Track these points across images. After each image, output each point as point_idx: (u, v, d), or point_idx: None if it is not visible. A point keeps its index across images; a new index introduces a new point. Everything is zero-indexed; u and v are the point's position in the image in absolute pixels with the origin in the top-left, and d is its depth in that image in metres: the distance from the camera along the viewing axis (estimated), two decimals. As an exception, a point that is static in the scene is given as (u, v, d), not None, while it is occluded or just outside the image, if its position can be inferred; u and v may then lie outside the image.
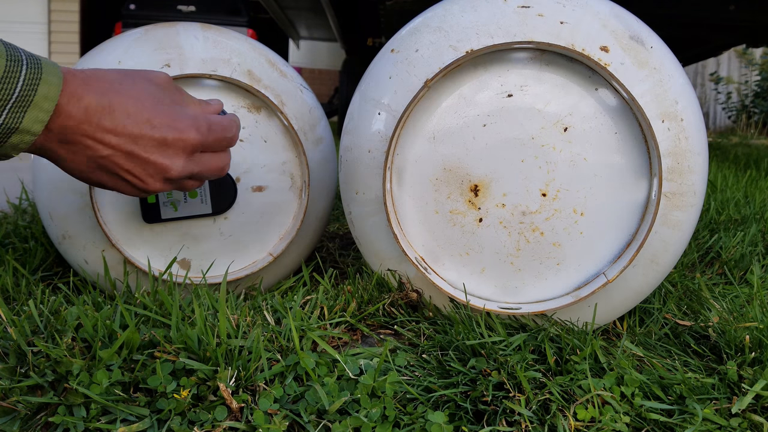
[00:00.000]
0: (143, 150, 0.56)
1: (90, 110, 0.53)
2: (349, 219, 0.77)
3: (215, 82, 0.80)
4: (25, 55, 0.50)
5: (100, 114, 0.53)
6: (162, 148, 0.57)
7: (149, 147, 0.56)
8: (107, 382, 0.56)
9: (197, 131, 0.59)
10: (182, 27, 0.82)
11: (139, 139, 0.55)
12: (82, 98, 0.52)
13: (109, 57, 0.79)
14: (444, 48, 0.68)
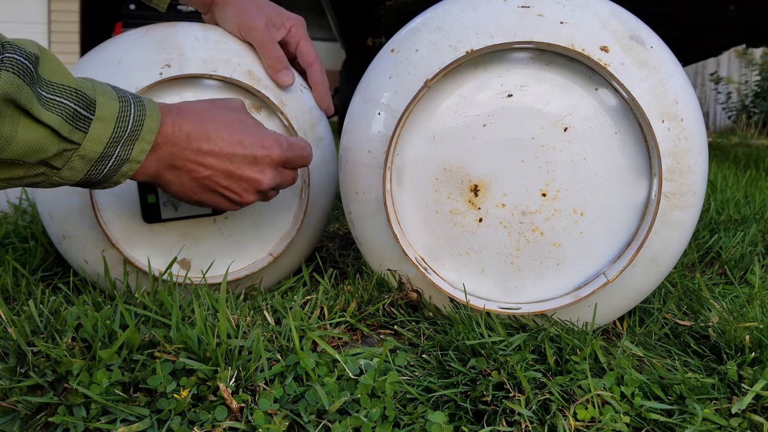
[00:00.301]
0: (237, 168, 0.64)
1: (191, 137, 0.61)
2: (349, 219, 0.77)
3: (215, 82, 0.80)
4: (129, 95, 0.58)
5: (199, 139, 0.62)
6: (253, 164, 0.65)
7: (242, 164, 0.64)
8: (107, 382, 0.56)
9: (280, 148, 0.67)
10: (182, 27, 0.82)
11: (234, 157, 0.64)
12: (182, 127, 0.61)
13: (109, 57, 0.79)
14: (444, 48, 0.68)
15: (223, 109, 0.66)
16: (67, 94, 0.53)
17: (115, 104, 0.56)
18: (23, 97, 0.49)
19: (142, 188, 0.78)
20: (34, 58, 0.51)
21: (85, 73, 0.80)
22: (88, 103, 0.54)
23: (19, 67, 0.49)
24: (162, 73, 0.77)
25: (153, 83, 0.76)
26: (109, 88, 0.57)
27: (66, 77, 0.54)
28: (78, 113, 0.53)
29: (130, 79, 0.76)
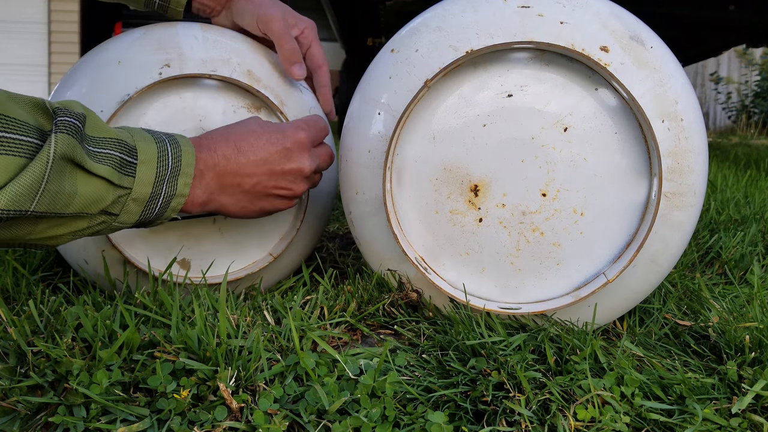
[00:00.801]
0: (277, 164, 0.69)
1: (227, 156, 0.67)
2: (349, 219, 0.77)
3: (215, 82, 0.80)
4: (163, 135, 0.63)
5: (234, 155, 0.67)
6: (288, 156, 0.70)
7: (280, 160, 0.69)
8: (107, 382, 0.56)
9: (303, 130, 0.71)
10: (182, 27, 0.82)
11: (269, 157, 0.69)
12: (216, 150, 0.67)
13: (108, 57, 0.79)
14: (444, 48, 0.68)
15: (239, 123, 0.71)
16: (111, 145, 0.58)
17: (153, 146, 0.61)
18: (78, 154, 0.53)
19: None
20: (82, 118, 0.55)
21: (84, 72, 0.80)
22: (131, 150, 0.59)
23: (72, 128, 0.53)
24: (161, 73, 0.77)
25: (152, 83, 0.76)
26: (145, 133, 0.62)
27: (107, 131, 0.58)
28: (124, 160, 0.58)
29: (129, 79, 0.76)
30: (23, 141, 0.50)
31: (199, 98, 0.80)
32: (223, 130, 0.69)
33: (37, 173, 0.50)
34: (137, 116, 0.77)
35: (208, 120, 0.80)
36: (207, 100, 0.80)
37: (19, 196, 0.49)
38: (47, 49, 8.20)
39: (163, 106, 0.78)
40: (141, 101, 0.77)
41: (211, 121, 0.80)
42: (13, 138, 0.49)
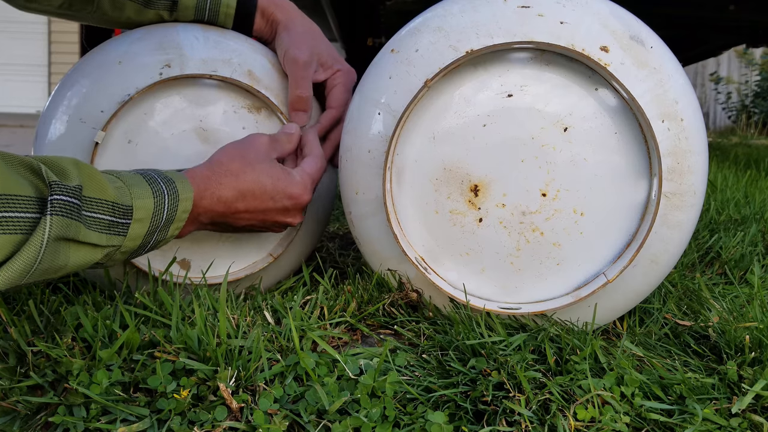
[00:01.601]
0: (271, 216, 0.74)
1: (228, 201, 0.70)
2: (349, 219, 0.77)
3: (216, 82, 0.80)
4: (162, 182, 0.64)
5: (236, 202, 0.71)
6: (284, 213, 0.75)
7: (275, 214, 0.74)
8: (107, 382, 0.56)
9: (307, 193, 0.76)
10: (182, 27, 0.82)
11: (267, 211, 0.73)
12: (220, 197, 0.70)
13: (109, 57, 0.79)
14: (444, 48, 0.68)
15: (254, 162, 0.72)
16: (104, 209, 0.59)
17: (149, 202, 0.62)
18: (71, 231, 0.54)
19: None
20: (78, 191, 0.56)
21: (85, 72, 0.80)
22: (125, 212, 0.60)
23: (67, 208, 0.54)
24: (162, 74, 0.77)
25: (153, 83, 0.76)
26: (144, 182, 0.63)
27: (103, 191, 0.59)
28: (114, 222, 0.60)
29: (130, 79, 0.76)
30: (22, 218, 0.51)
31: (200, 98, 0.80)
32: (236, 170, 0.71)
33: (30, 257, 0.51)
34: (138, 116, 0.77)
35: (208, 120, 0.80)
36: (207, 100, 0.80)
37: (11, 279, 0.51)
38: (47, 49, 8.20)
39: (164, 106, 0.79)
40: (141, 101, 0.77)
41: (211, 122, 0.80)
42: (13, 216, 0.50)
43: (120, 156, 0.78)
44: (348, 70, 0.88)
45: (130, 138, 0.78)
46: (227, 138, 0.81)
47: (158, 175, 0.65)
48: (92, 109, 0.77)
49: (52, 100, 0.81)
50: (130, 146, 0.78)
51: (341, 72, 0.87)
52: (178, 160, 0.79)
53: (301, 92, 0.81)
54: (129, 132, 0.78)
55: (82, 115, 0.77)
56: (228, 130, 0.81)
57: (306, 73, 0.82)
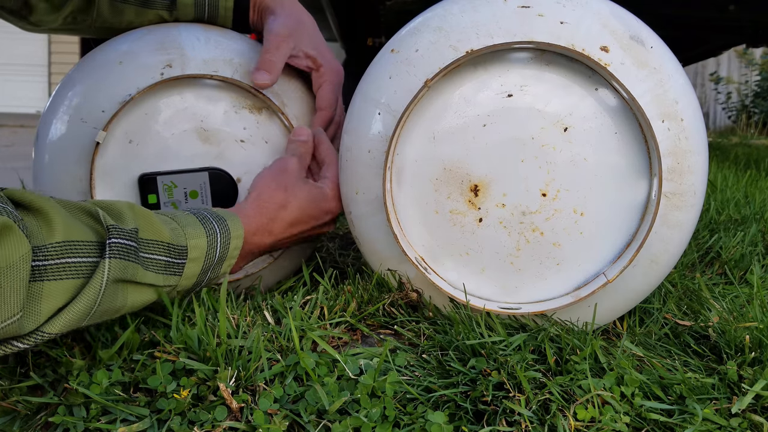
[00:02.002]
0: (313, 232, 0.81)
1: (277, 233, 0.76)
2: (349, 219, 0.77)
3: (217, 82, 0.80)
4: (214, 220, 0.68)
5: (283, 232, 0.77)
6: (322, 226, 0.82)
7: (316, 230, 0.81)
8: (107, 382, 0.56)
9: (338, 202, 0.80)
10: (184, 27, 0.82)
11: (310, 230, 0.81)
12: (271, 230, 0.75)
13: (109, 57, 0.79)
14: (444, 48, 0.68)
15: (294, 188, 0.77)
16: (161, 250, 0.61)
17: (203, 241, 0.65)
18: (129, 273, 0.56)
19: (143, 188, 0.78)
20: (134, 233, 0.58)
21: (85, 72, 0.80)
22: (180, 252, 0.63)
23: (125, 250, 0.56)
24: (163, 74, 0.77)
25: (154, 83, 0.76)
26: (197, 222, 0.66)
27: (159, 232, 0.61)
28: (170, 263, 0.62)
29: (131, 79, 0.76)
30: (83, 263, 0.53)
31: (201, 98, 0.80)
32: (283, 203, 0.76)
33: (90, 300, 0.53)
34: (139, 116, 0.77)
35: (209, 120, 0.80)
36: (208, 100, 0.80)
37: (72, 322, 0.52)
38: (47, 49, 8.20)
39: (165, 106, 0.79)
40: (142, 101, 0.77)
41: (212, 122, 0.80)
42: (75, 262, 0.52)
43: (121, 156, 0.78)
44: (333, 68, 0.86)
45: (131, 138, 0.78)
46: (228, 138, 0.81)
47: (210, 214, 0.68)
48: (93, 109, 0.77)
49: (53, 100, 0.81)
50: (131, 146, 0.78)
51: (326, 69, 0.85)
52: (178, 160, 0.79)
53: (270, 56, 0.80)
54: (130, 132, 0.78)
55: (83, 114, 0.77)
56: (229, 131, 0.81)
57: (281, 43, 0.80)
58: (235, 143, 0.81)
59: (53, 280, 0.50)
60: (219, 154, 0.81)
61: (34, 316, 0.50)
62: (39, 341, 0.51)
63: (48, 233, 0.51)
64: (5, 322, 0.47)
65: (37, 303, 0.50)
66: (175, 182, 0.78)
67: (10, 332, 0.49)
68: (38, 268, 0.50)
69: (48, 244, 0.51)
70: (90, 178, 0.75)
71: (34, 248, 0.50)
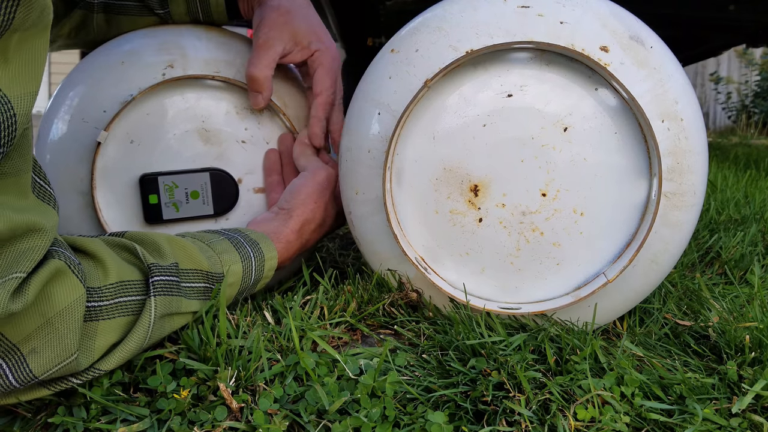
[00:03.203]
0: None
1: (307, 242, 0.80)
2: (349, 219, 0.77)
3: (218, 83, 0.80)
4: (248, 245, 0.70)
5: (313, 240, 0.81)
6: None
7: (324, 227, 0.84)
8: (107, 382, 0.56)
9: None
10: (185, 28, 0.82)
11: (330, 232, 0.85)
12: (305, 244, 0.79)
13: (111, 58, 0.79)
14: (444, 48, 0.68)
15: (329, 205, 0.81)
16: (199, 278, 0.63)
17: (238, 267, 0.68)
18: (173, 307, 0.59)
19: (144, 188, 0.78)
20: (174, 269, 0.60)
21: (87, 72, 0.80)
22: (218, 279, 0.65)
23: (168, 287, 0.58)
24: (165, 74, 0.77)
25: (156, 84, 0.76)
26: (232, 248, 0.68)
27: (197, 262, 0.63)
28: (209, 288, 0.65)
29: (132, 79, 0.76)
30: (133, 301, 0.55)
31: (202, 99, 0.80)
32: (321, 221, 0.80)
33: (140, 337, 0.55)
34: (140, 116, 0.77)
35: (210, 121, 0.80)
36: (210, 100, 0.80)
37: (125, 358, 0.55)
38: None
39: (167, 106, 0.79)
40: (144, 101, 0.77)
41: (213, 122, 0.80)
42: (127, 301, 0.55)
43: (122, 156, 0.78)
44: (327, 48, 0.84)
45: (132, 138, 0.78)
46: (230, 139, 0.81)
47: (244, 238, 0.70)
48: (95, 109, 0.77)
49: (54, 100, 0.81)
50: (132, 146, 0.78)
51: (320, 51, 0.83)
52: (180, 161, 0.79)
53: (251, 71, 0.78)
54: (131, 132, 0.78)
55: (85, 115, 0.77)
56: (230, 131, 0.81)
57: (262, 53, 0.79)
58: (237, 144, 0.81)
59: (107, 319, 0.53)
60: (220, 155, 0.81)
61: (89, 353, 0.52)
62: (93, 377, 0.54)
63: (103, 275, 0.54)
64: (65, 361, 0.49)
65: (92, 341, 0.52)
66: (176, 182, 0.78)
67: (69, 370, 0.51)
68: (94, 309, 0.52)
69: (103, 286, 0.53)
70: (91, 178, 0.75)
71: (91, 289, 0.52)
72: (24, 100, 0.42)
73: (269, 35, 0.79)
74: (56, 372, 0.50)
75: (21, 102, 0.42)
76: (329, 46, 0.84)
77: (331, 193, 0.81)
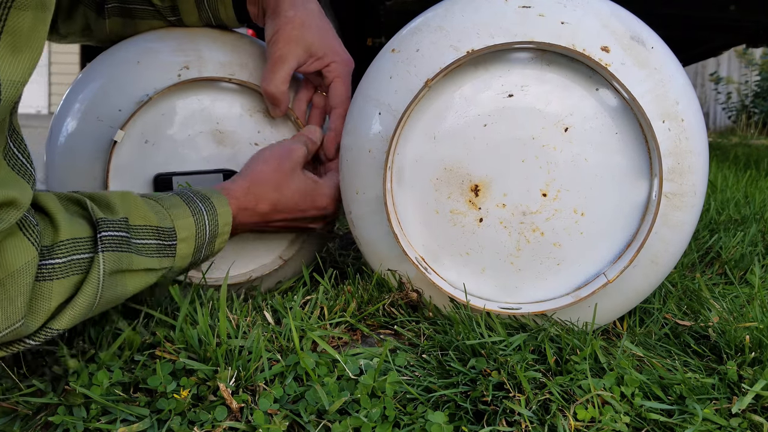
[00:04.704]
0: (300, 223, 0.81)
1: (264, 214, 0.76)
2: (349, 219, 0.77)
3: (233, 85, 0.80)
4: (198, 200, 0.68)
5: (270, 214, 0.77)
6: (311, 221, 0.82)
7: (303, 222, 0.81)
8: (108, 382, 0.56)
9: (333, 204, 0.81)
10: (200, 30, 0.83)
11: (297, 220, 0.80)
12: (257, 211, 0.75)
13: (128, 56, 0.80)
14: (445, 48, 0.68)
15: (290, 173, 0.77)
16: (150, 234, 0.62)
17: (190, 222, 0.66)
18: (124, 263, 0.57)
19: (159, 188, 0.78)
20: (124, 224, 0.59)
21: (102, 70, 0.80)
22: (169, 234, 0.64)
23: (116, 242, 0.57)
24: (180, 75, 0.77)
25: (172, 85, 0.76)
26: (181, 203, 0.66)
27: (146, 218, 0.62)
28: (161, 245, 0.63)
29: (149, 79, 0.77)
30: (83, 259, 0.54)
31: (217, 101, 0.80)
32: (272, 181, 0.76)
33: (90, 295, 0.54)
34: (155, 116, 0.78)
35: (224, 123, 0.80)
36: (224, 103, 0.80)
37: (76, 317, 0.54)
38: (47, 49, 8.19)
39: (181, 107, 0.79)
40: (159, 102, 0.77)
41: (227, 124, 0.80)
42: (78, 259, 0.53)
43: (136, 155, 0.78)
44: (343, 60, 0.84)
45: (146, 138, 0.78)
46: (243, 140, 0.81)
47: (194, 193, 0.69)
48: (110, 108, 0.77)
49: (67, 97, 0.81)
50: (146, 146, 0.78)
51: (335, 63, 0.82)
52: (194, 161, 0.80)
53: (266, 86, 0.79)
54: (146, 132, 0.78)
55: (100, 113, 0.77)
56: (243, 133, 0.81)
57: (278, 68, 0.79)
58: (249, 146, 0.81)
59: (62, 278, 0.52)
60: (233, 156, 0.81)
61: (41, 314, 0.51)
62: (48, 337, 0.53)
63: (54, 232, 0.52)
64: (13, 326, 0.49)
65: (48, 302, 0.51)
66: (190, 183, 0.78)
67: (20, 333, 0.50)
68: (47, 267, 0.51)
69: (54, 244, 0.52)
70: (105, 177, 0.75)
71: (44, 248, 0.51)
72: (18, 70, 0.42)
73: (284, 50, 0.79)
74: (7, 335, 0.49)
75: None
76: (344, 57, 0.84)
77: (295, 164, 0.77)
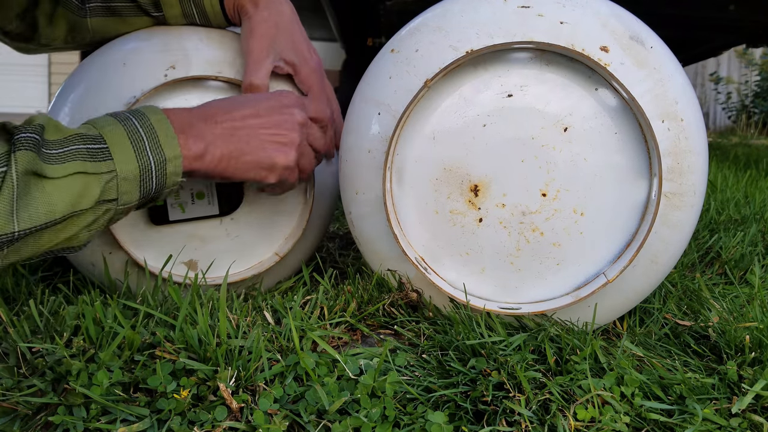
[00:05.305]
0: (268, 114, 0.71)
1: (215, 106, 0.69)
2: (349, 219, 0.77)
3: (221, 83, 0.80)
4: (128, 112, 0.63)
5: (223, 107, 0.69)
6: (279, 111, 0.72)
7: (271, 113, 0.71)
8: (107, 382, 0.56)
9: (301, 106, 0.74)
10: (186, 29, 0.82)
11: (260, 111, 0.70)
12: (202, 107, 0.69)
13: (113, 58, 0.79)
14: (444, 48, 0.68)
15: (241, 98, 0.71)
16: (73, 141, 0.58)
17: (118, 127, 0.61)
18: (38, 167, 0.54)
19: None
20: (39, 128, 0.56)
21: (89, 74, 0.80)
22: (94, 138, 0.59)
23: (29, 142, 0.54)
24: (167, 75, 0.77)
25: (159, 85, 0.76)
26: (108, 117, 0.62)
27: (66, 131, 0.59)
28: (91, 149, 0.58)
29: (135, 80, 0.76)
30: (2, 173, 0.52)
31: (205, 100, 0.80)
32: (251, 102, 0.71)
33: (6, 197, 0.52)
34: None
35: None
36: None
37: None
38: (47, 49, 8.18)
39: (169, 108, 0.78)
40: (147, 103, 0.77)
41: None
42: None
43: None
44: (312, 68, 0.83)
45: None
46: None
47: (129, 112, 0.64)
48: (99, 111, 0.76)
49: (56, 100, 0.80)
50: None
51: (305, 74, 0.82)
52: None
53: (253, 79, 0.78)
54: None
55: (88, 116, 0.77)
56: None
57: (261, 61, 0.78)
58: None
59: None
60: None
61: None
62: None
63: None
64: None
65: None
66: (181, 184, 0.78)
67: None
68: None
69: None
70: None
71: None
72: None
73: (263, 45, 0.79)
74: None
75: None
76: (314, 63, 0.84)
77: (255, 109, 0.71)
